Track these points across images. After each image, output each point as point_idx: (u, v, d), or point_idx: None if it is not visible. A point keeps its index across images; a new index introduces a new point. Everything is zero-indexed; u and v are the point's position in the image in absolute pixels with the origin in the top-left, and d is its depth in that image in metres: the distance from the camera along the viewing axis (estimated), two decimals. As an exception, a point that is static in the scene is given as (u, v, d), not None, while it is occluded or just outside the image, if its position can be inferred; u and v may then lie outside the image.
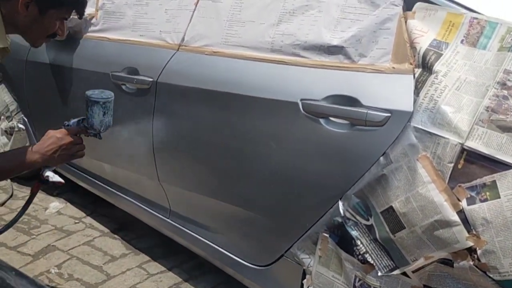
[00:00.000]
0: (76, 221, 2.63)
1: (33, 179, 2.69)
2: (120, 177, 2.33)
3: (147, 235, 2.46)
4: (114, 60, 2.13)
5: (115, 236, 2.51)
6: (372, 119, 1.32)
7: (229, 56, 1.71)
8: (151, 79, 1.93)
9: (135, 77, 2.00)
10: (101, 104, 1.54)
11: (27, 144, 2.83)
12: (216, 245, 1.89)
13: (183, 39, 1.89)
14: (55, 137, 1.50)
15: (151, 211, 2.19)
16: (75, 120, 1.60)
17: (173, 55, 1.90)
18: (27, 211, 2.62)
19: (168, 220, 2.10)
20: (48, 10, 1.47)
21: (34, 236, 2.48)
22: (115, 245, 2.44)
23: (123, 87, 2.05)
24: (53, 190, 2.92)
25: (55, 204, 2.78)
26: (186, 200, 2.00)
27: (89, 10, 2.32)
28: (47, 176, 1.60)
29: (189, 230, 2.01)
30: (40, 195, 2.89)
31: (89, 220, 2.65)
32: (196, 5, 1.87)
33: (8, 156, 1.53)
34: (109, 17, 2.24)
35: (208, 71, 1.77)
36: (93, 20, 2.30)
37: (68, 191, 2.90)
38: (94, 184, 2.50)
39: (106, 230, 2.56)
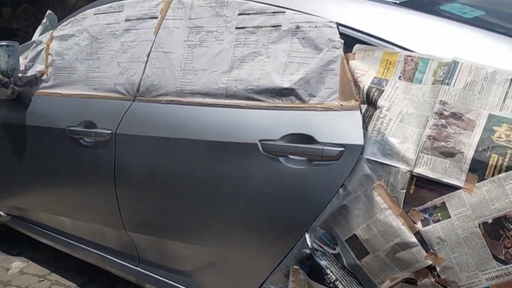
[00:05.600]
0: (41, 279, 2.58)
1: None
2: (84, 230, 2.31)
3: (116, 285, 2.44)
4: (70, 115, 2.15)
5: (84, 290, 2.48)
6: (327, 154, 1.42)
7: (185, 104, 1.78)
8: (109, 131, 1.97)
9: (93, 130, 2.03)
10: (4, 47, 1.92)
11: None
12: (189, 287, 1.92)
13: (138, 90, 1.94)
14: None
15: (118, 260, 2.18)
16: None
17: (129, 106, 1.95)
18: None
19: (138, 268, 2.11)
20: None
21: (-1, 300, 2.41)
22: (85, 300, 2.40)
23: (81, 141, 2.07)
24: (13, 250, 2.84)
25: (17, 263, 2.71)
26: (155, 246, 2.02)
27: (38, 67, 2.35)
28: None
29: (160, 276, 2.02)
30: (0, 256, 2.81)
31: (54, 276, 2.60)
32: (148, 57, 1.94)
33: None
34: (60, 73, 2.26)
35: (166, 119, 1.83)
36: (44, 77, 2.32)
37: (29, 249, 2.83)
38: (56, 239, 2.47)
39: (73, 285, 2.51)
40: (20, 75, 2.33)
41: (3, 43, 1.94)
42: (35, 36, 2.60)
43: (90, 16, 2.22)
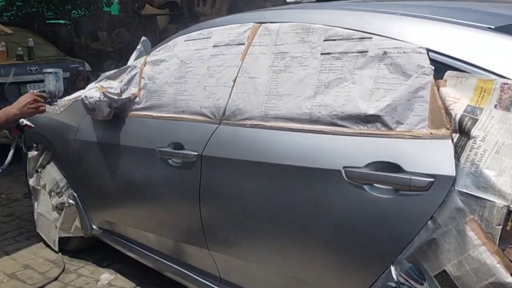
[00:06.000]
0: (127, 292, 2.70)
1: (82, 251, 2.84)
2: (168, 246, 2.40)
3: (197, 302, 2.49)
4: (159, 136, 2.26)
5: (166, 305, 2.56)
6: (416, 184, 1.38)
7: (269, 128, 1.81)
8: (195, 153, 2.04)
9: (181, 151, 2.11)
10: (53, 74, 2.36)
11: (77, 218, 2.95)
12: (269, 312, 1.92)
13: (224, 114, 2.00)
14: (25, 96, 2.23)
15: (200, 279, 2.24)
16: (37, 90, 2.46)
17: (215, 129, 2.01)
18: (77, 282, 2.72)
19: (218, 288, 2.15)
20: None
21: (89, 310, 2.54)
22: (167, 314, 2.47)
23: (169, 161, 2.16)
24: (102, 262, 3.01)
25: (106, 275, 2.86)
26: (236, 268, 2.05)
27: (132, 90, 2.50)
28: (22, 122, 2.33)
29: (240, 297, 2.05)
30: (91, 267, 2.98)
31: (139, 290, 2.72)
32: (234, 82, 1.99)
33: None
34: (151, 96, 2.39)
35: (250, 143, 1.86)
36: (136, 99, 2.46)
37: (117, 262, 2.98)
38: (142, 253, 2.58)
39: (157, 299, 2.61)
40: (116, 97, 2.48)
41: (51, 70, 2.39)
42: (130, 61, 2.77)
43: (181, 43, 2.34)
